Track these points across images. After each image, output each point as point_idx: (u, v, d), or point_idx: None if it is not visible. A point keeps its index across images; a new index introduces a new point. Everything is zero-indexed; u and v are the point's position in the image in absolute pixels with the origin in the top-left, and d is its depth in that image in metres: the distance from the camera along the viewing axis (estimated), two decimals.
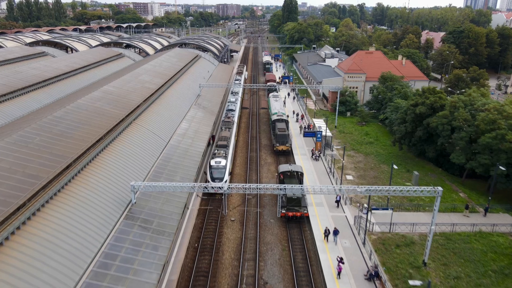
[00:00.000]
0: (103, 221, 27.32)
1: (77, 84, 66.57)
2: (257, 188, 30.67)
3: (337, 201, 41.29)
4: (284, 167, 43.38)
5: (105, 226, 27.09)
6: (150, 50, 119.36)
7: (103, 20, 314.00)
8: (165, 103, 55.45)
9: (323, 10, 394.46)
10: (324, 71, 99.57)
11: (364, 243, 34.65)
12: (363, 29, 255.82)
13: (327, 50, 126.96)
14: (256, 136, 66.34)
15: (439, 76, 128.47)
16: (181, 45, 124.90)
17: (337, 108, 69.55)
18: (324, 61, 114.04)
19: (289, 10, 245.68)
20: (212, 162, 44.23)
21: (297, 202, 38.29)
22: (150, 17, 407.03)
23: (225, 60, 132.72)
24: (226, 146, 48.45)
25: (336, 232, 34.01)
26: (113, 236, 26.76)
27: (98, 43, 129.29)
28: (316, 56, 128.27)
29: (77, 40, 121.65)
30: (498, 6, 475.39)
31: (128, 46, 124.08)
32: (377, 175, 50.65)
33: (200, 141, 48.43)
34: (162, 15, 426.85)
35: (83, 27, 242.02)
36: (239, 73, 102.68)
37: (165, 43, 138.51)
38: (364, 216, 38.20)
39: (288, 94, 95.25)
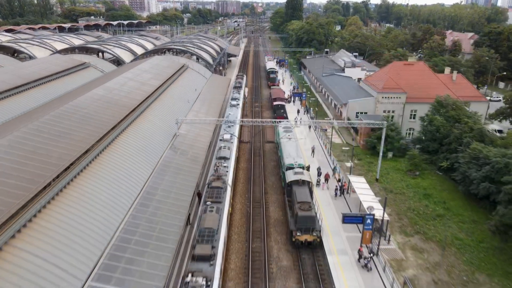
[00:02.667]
0: None
1: None
2: None
3: None
4: None
5: None
6: (127, 57, 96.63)
7: (92, 17, 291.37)
8: (113, 160, 33.31)
9: (325, 7, 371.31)
10: (346, 87, 77.23)
11: None
12: (370, 27, 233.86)
13: (345, 56, 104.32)
14: (261, 201, 42.61)
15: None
16: (165, 51, 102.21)
17: (381, 152, 47.00)
18: (343, 70, 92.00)
19: (293, 7, 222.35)
20: None
21: None
22: (146, 14, 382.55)
23: (221, 68, 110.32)
24: (210, 256, 26.19)
25: None
26: None
27: (69, 46, 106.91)
28: (329, 62, 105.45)
29: (38, 44, 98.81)
30: (499, 3, 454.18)
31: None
32: None
33: (160, 252, 26.36)
34: (160, 11, 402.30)
35: (67, 25, 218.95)
36: (237, 87, 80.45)
37: (150, 47, 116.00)
38: None
39: (298, 112, 75.44)
